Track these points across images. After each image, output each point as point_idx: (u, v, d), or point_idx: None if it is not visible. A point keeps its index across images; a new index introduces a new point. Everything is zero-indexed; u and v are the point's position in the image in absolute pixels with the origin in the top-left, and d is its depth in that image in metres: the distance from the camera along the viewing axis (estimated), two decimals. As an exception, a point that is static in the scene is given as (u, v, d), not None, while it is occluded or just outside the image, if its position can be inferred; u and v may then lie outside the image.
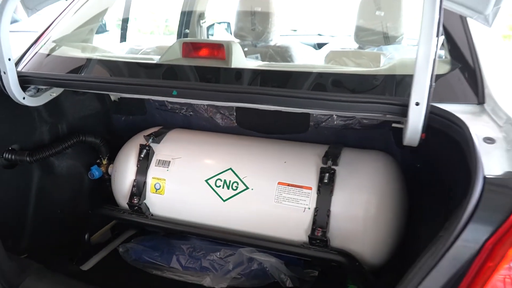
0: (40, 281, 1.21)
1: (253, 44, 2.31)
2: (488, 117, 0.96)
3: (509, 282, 0.78)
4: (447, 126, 0.91)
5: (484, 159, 0.83)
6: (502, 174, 0.82)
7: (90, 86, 1.28)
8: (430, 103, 0.90)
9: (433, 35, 0.85)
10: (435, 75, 0.87)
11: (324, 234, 1.25)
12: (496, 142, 0.87)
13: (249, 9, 2.31)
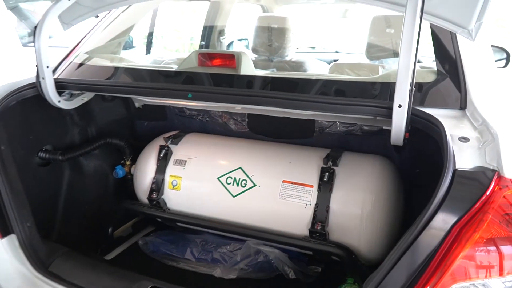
0: (67, 262, 1.36)
1: (270, 59, 2.45)
2: (467, 120, 1.07)
3: (472, 264, 0.88)
4: (427, 126, 1.02)
5: (457, 155, 0.94)
6: (472, 168, 0.93)
7: (117, 90, 1.45)
8: (411, 106, 1.02)
9: (413, 47, 0.97)
10: (414, 82, 0.99)
11: (323, 228, 1.36)
12: (470, 141, 0.98)
13: (266, 26, 2.47)
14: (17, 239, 1.34)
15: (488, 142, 0.95)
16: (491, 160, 0.92)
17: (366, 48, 2.28)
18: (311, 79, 1.37)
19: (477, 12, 1.05)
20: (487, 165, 0.92)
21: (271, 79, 1.43)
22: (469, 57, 1.21)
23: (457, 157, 0.94)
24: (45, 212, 1.64)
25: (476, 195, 0.88)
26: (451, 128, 1.01)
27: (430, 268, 0.88)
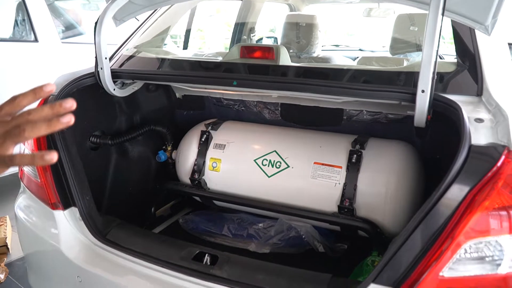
0: (122, 231, 1.53)
1: (297, 55, 2.60)
2: (483, 105, 1.20)
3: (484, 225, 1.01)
4: (446, 109, 1.16)
5: (473, 134, 1.08)
6: (485, 144, 1.06)
7: (168, 78, 1.62)
8: (433, 91, 1.15)
9: (435, 39, 1.11)
10: (436, 70, 1.13)
11: (351, 205, 1.51)
12: (484, 121, 1.11)
13: (294, 23, 2.62)
14: (78, 211, 1.52)
15: (500, 123, 1.08)
16: (502, 137, 1.05)
17: (390, 44, 2.41)
18: (342, 69, 1.52)
19: (493, 10, 1.18)
20: (499, 142, 1.05)
21: (306, 69, 1.58)
22: (486, 50, 1.34)
23: (473, 135, 1.07)
24: (95, 191, 1.83)
25: (488, 166, 1.01)
26: (468, 112, 1.14)
27: (448, 229, 1.02)
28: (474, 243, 1.03)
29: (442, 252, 1.03)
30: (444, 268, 1.03)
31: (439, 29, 1.11)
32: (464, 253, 1.03)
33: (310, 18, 2.58)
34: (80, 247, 1.49)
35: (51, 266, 1.60)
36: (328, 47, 4.08)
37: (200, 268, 1.30)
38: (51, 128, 0.61)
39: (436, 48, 1.11)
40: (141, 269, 1.36)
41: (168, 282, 1.30)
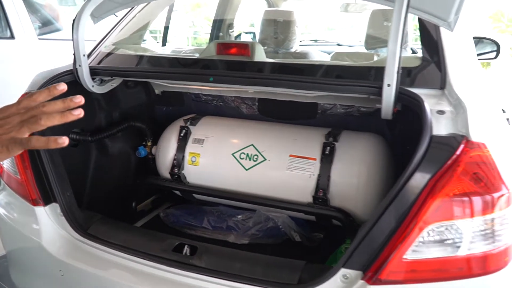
0: (103, 226, 1.55)
1: (275, 50, 2.65)
2: (445, 97, 1.27)
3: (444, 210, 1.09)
4: (410, 102, 1.23)
5: (434, 125, 1.15)
6: (446, 134, 1.13)
7: (146, 75, 1.65)
8: (398, 85, 1.22)
9: (399, 35, 1.17)
10: (401, 65, 1.19)
11: (325, 195, 1.57)
12: (446, 113, 1.18)
13: (272, 19, 2.66)
14: (58, 206, 1.54)
15: (460, 114, 1.15)
16: (461, 128, 1.12)
17: (365, 39, 2.48)
18: (314, 64, 1.58)
19: (455, 7, 1.25)
20: (458, 132, 1.12)
21: (280, 65, 1.63)
22: (450, 45, 1.41)
23: (434, 126, 1.14)
24: (76, 187, 1.85)
25: (447, 154, 1.08)
26: (431, 104, 1.21)
27: (411, 214, 1.10)
28: (436, 227, 1.10)
29: (405, 236, 1.11)
30: (408, 251, 1.11)
31: (403, 26, 1.17)
32: (426, 237, 1.10)
33: (287, 14, 2.63)
34: (61, 242, 1.52)
35: (33, 261, 1.63)
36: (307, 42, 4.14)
37: (179, 258, 1.35)
38: (64, 119, 0.73)
39: (400, 44, 1.17)
40: (122, 261, 1.39)
41: (149, 273, 1.34)
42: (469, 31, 1.57)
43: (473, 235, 1.11)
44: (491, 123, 1.29)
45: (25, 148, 0.73)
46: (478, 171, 1.12)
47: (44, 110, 0.72)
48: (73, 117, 0.74)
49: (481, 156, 1.13)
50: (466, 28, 1.56)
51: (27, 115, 0.72)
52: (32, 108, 0.73)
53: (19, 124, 0.72)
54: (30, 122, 0.72)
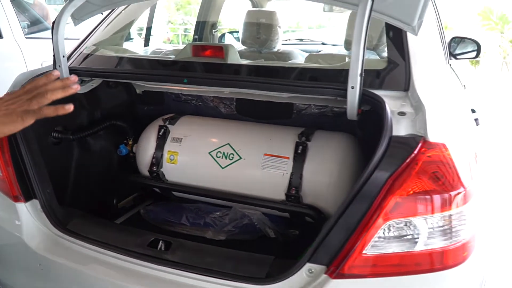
0: (82, 222, 1.60)
1: (258, 50, 2.69)
2: (408, 99, 1.33)
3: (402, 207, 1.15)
4: (373, 103, 1.28)
5: (395, 126, 1.21)
6: (405, 135, 1.19)
7: (123, 76, 1.70)
8: (361, 87, 1.27)
9: (362, 39, 1.23)
10: (363, 68, 1.25)
11: (298, 192, 1.63)
12: (406, 115, 1.23)
13: (255, 21, 2.71)
14: (39, 203, 1.58)
15: (419, 115, 1.21)
16: (420, 129, 1.18)
17: (344, 40, 2.53)
18: (285, 67, 1.63)
19: (418, 12, 1.30)
20: (417, 132, 1.18)
21: (254, 67, 1.68)
22: (415, 49, 1.47)
23: (395, 127, 1.20)
24: (58, 184, 1.88)
25: (405, 154, 1.14)
26: (394, 106, 1.27)
27: (371, 210, 1.15)
28: (394, 223, 1.16)
29: (365, 232, 1.16)
30: (367, 246, 1.17)
31: (365, 30, 1.23)
32: (385, 233, 1.16)
33: (270, 15, 2.67)
34: (41, 237, 1.56)
35: (15, 256, 1.67)
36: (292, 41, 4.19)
37: (154, 253, 1.40)
38: (65, 93, 0.93)
39: (363, 47, 1.22)
40: (99, 256, 1.44)
41: (124, 267, 1.40)
42: (435, 33, 1.63)
43: (431, 231, 1.17)
44: (453, 124, 1.35)
45: (37, 117, 0.91)
46: (437, 170, 1.18)
47: (48, 88, 0.91)
48: (72, 91, 0.95)
49: (440, 156, 1.18)
50: (432, 30, 1.61)
51: (34, 93, 0.91)
52: (36, 88, 0.92)
53: (28, 100, 0.90)
54: (38, 97, 0.90)
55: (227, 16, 3.43)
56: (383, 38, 1.92)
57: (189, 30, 12.65)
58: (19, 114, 0.89)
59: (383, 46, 2.28)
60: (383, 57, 1.51)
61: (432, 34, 1.62)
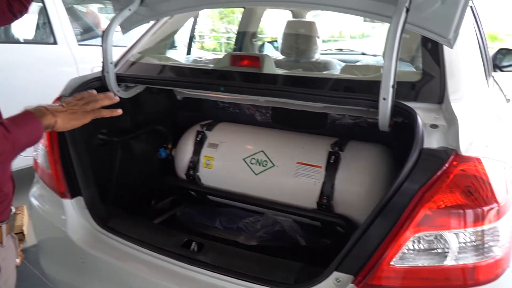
0: (122, 220, 1.69)
1: (296, 60, 2.72)
2: (441, 112, 1.32)
3: (432, 220, 1.14)
4: (405, 115, 1.29)
5: (427, 138, 1.21)
6: (436, 147, 1.18)
7: (164, 83, 1.79)
8: (393, 99, 1.28)
9: (395, 50, 1.24)
10: (396, 79, 1.26)
11: (329, 202, 1.64)
12: (439, 127, 1.23)
13: (294, 31, 2.75)
14: (83, 200, 1.69)
15: (452, 129, 1.20)
16: (452, 142, 1.17)
17: (383, 50, 2.52)
18: (320, 77, 1.66)
19: (454, 25, 1.30)
20: (449, 146, 1.17)
21: (289, 77, 1.72)
22: (451, 61, 1.46)
23: (427, 140, 1.20)
24: (102, 183, 1.99)
25: (436, 166, 1.14)
26: (426, 118, 1.27)
27: (400, 221, 1.15)
28: (424, 236, 1.16)
29: (394, 243, 1.16)
30: (395, 258, 1.17)
31: (398, 42, 1.24)
32: (414, 245, 1.16)
33: (309, 25, 2.71)
34: (84, 232, 1.66)
35: (59, 249, 1.78)
36: (332, 51, 4.19)
37: (186, 253, 1.46)
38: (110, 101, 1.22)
39: (395, 58, 1.23)
40: (135, 253, 1.52)
41: (157, 265, 1.47)
42: (474, 45, 1.61)
43: (462, 246, 1.15)
44: (488, 137, 1.33)
45: (95, 116, 1.18)
46: (470, 184, 1.17)
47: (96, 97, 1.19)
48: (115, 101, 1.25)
49: (473, 170, 1.17)
50: (471, 42, 1.59)
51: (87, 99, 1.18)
52: (89, 96, 1.19)
53: (84, 104, 1.16)
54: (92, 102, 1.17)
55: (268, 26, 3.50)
56: (419, 51, 1.91)
57: (232, 39, 12.89)
58: (81, 113, 1.15)
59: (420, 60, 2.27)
60: (420, 69, 1.51)
61: (470, 46, 1.60)
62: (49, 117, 1.08)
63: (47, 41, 3.84)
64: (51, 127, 1.10)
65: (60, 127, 1.12)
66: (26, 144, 1.04)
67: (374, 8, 1.39)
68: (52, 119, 1.09)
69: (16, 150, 1.02)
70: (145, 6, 1.81)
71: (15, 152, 1.02)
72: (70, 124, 1.14)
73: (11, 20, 1.43)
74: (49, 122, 1.08)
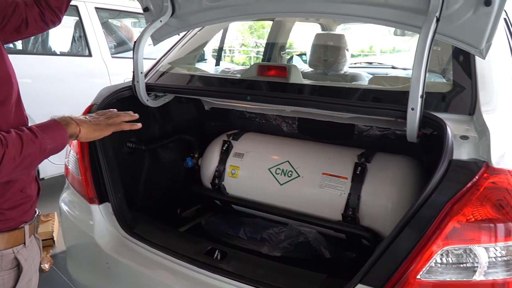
0: (148, 226, 1.71)
1: (325, 72, 2.72)
2: (472, 123, 1.28)
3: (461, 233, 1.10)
4: (434, 126, 1.26)
5: (456, 149, 1.17)
6: (466, 159, 1.15)
7: (192, 92, 1.82)
8: (422, 109, 1.26)
9: (424, 61, 1.22)
10: (425, 90, 1.23)
11: (354, 213, 1.61)
12: (469, 139, 1.19)
13: (322, 42, 2.75)
14: (111, 206, 1.73)
15: (483, 140, 1.17)
16: (483, 154, 1.14)
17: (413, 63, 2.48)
18: (347, 87, 1.64)
19: (487, 35, 1.27)
20: (479, 157, 1.14)
21: (316, 87, 1.71)
22: (483, 72, 1.42)
23: (456, 151, 1.16)
24: (130, 190, 2.03)
25: (466, 178, 1.10)
26: (457, 129, 1.24)
27: (427, 234, 1.12)
28: (451, 250, 1.12)
29: (420, 256, 1.13)
30: (422, 272, 1.13)
31: (428, 52, 1.22)
32: (441, 259, 1.12)
33: (338, 37, 2.70)
34: (110, 238, 1.69)
35: (86, 254, 1.82)
36: (361, 65, 4.16)
37: (209, 261, 1.46)
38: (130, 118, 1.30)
39: (424, 69, 1.22)
40: (159, 259, 1.53)
41: (181, 272, 1.47)
42: (506, 55, 1.56)
43: (492, 261, 1.10)
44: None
45: (116, 129, 1.25)
46: (502, 198, 1.12)
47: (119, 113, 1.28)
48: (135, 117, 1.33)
49: (505, 183, 1.13)
50: (504, 52, 1.55)
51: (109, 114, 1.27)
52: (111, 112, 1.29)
53: (107, 118, 1.24)
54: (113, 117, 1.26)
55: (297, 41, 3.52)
56: (450, 62, 1.87)
57: (261, 53, 13.01)
58: (104, 125, 1.22)
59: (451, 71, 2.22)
60: (450, 80, 1.48)
61: (503, 56, 1.55)
62: (73, 126, 1.14)
63: (82, 54, 3.99)
64: (75, 136, 1.15)
65: (83, 136, 1.17)
66: (52, 149, 1.08)
67: (403, 18, 1.37)
68: (76, 128, 1.14)
69: (42, 154, 1.06)
70: (176, 18, 1.86)
71: (41, 157, 1.07)
72: (92, 135, 1.20)
73: (44, 29, 1.49)
74: (74, 130, 1.14)
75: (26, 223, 1.18)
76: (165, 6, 1.80)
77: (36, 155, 1.05)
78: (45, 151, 1.06)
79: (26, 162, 1.02)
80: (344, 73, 2.74)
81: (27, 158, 1.02)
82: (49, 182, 3.60)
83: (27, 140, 1.02)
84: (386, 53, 10.37)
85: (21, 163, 1.01)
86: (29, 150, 1.02)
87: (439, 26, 1.25)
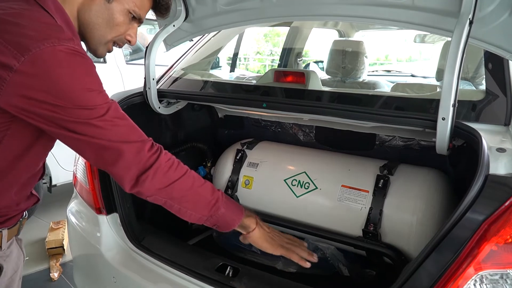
0: (156, 239, 1.63)
1: (342, 80, 2.63)
2: (508, 135, 1.18)
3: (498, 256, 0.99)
4: (467, 137, 1.15)
5: (493, 163, 1.07)
6: (504, 174, 1.04)
7: (205, 99, 1.74)
8: (454, 119, 1.15)
9: (456, 66, 1.12)
10: (457, 98, 1.13)
11: (376, 229, 1.50)
12: (506, 151, 1.09)
13: (340, 49, 2.66)
14: (118, 217, 1.65)
15: (523, 154, 1.06)
16: None
17: (436, 70, 2.38)
18: (369, 95, 1.55)
19: (524, 38, 1.17)
20: None
21: (336, 94, 1.62)
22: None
23: (493, 165, 1.06)
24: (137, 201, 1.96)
25: (505, 195, 1.00)
26: (492, 141, 1.13)
27: (461, 257, 1.01)
28: (487, 275, 1.01)
29: (452, 282, 1.02)
30: (454, 299, 1.02)
31: (460, 57, 1.12)
32: (475, 284, 1.01)
33: (356, 44, 2.62)
34: (117, 250, 1.62)
35: (92, 266, 1.74)
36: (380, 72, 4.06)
37: (221, 278, 1.37)
38: (307, 257, 1.32)
39: (457, 75, 1.12)
40: (167, 274, 1.45)
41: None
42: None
43: (534, 288, 0.99)
44: None
45: (285, 255, 1.29)
46: (544, 217, 1.01)
47: (302, 243, 1.33)
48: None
49: None
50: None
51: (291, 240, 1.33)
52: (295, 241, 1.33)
53: (287, 240, 1.30)
54: (293, 246, 1.30)
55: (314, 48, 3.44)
56: (481, 69, 1.76)
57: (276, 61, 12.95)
58: (277, 244, 1.30)
59: (481, 78, 2.11)
60: (480, 88, 1.37)
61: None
62: (252, 221, 1.21)
63: (97, 60, 3.97)
64: (247, 228, 1.22)
65: (253, 236, 1.23)
66: (215, 215, 1.16)
67: (433, 21, 1.28)
68: (253, 225, 1.21)
69: (205, 207, 1.15)
70: (190, 22, 1.79)
71: (202, 209, 1.16)
72: (261, 242, 1.25)
73: None
74: (249, 223, 1.21)
75: (6, 228, 1.12)
76: (179, 10, 1.74)
77: (202, 202, 1.13)
78: (210, 206, 1.14)
79: (189, 197, 1.12)
80: (363, 80, 2.65)
81: (194, 195, 1.12)
82: (61, 189, 3.57)
83: (210, 186, 1.14)
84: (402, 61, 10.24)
85: (186, 195, 1.12)
86: (204, 193, 1.12)
87: (472, 30, 1.15)
